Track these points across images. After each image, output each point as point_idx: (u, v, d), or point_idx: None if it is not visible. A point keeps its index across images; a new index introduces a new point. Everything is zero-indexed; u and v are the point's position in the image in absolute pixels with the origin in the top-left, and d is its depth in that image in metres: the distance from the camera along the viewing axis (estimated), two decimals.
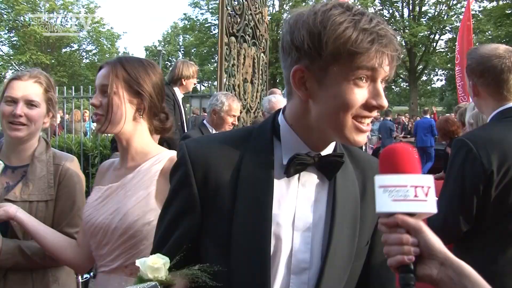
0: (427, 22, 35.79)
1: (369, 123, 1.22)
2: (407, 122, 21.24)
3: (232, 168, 1.26)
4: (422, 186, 1.06)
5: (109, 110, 1.80)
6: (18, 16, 36.37)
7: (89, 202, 1.90)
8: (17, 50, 37.42)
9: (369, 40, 1.11)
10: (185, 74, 5.24)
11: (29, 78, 2.16)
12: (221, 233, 1.24)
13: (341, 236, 1.25)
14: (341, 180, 1.30)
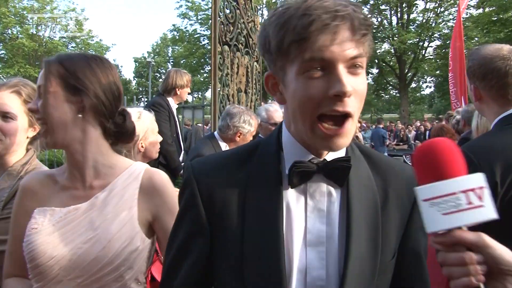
0: (416, 30, 36.03)
1: (342, 122, 1.05)
2: (400, 130, 21.24)
3: (238, 187, 1.20)
4: (474, 189, 0.90)
5: (46, 113, 1.53)
6: (6, 29, 36.13)
7: (38, 228, 1.53)
8: (5, 63, 37.15)
9: (307, 22, 1.00)
10: (179, 83, 5.12)
11: (6, 89, 1.98)
12: (232, 255, 1.16)
13: (360, 250, 1.13)
14: (356, 188, 1.17)
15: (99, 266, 1.48)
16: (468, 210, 0.89)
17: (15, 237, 1.63)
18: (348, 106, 1.04)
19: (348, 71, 1.04)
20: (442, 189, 0.91)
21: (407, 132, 21.51)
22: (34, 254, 1.49)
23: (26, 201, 1.63)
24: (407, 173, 1.26)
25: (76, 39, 38.73)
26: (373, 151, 1.32)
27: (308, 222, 1.15)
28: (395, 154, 15.95)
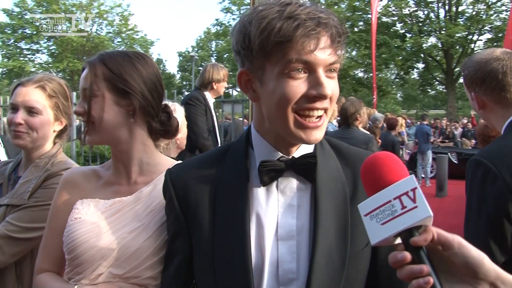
0: (465, 22, 34.72)
1: (319, 116, 1.14)
2: (446, 127, 20.59)
3: (210, 185, 1.28)
4: (407, 192, 0.92)
5: (92, 115, 1.53)
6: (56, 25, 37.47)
7: (81, 217, 1.54)
8: (55, 58, 38.58)
9: (293, 26, 1.06)
10: (215, 77, 5.12)
11: (31, 84, 2.03)
12: (205, 251, 1.24)
13: (327, 242, 1.17)
14: (324, 181, 1.23)
15: (142, 258, 1.46)
16: (403, 214, 0.91)
17: (52, 229, 1.63)
18: (325, 104, 1.13)
19: (326, 75, 1.12)
20: (378, 201, 0.94)
21: (454, 129, 20.81)
22: (76, 243, 1.49)
23: (67, 194, 1.64)
24: None
25: (122, 34, 39.70)
26: (343, 144, 1.37)
27: (280, 218, 1.21)
28: (440, 151, 15.45)
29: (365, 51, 32.06)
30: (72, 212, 1.57)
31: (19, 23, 36.60)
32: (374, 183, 0.97)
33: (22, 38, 37.57)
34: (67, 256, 1.52)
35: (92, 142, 1.59)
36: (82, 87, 1.56)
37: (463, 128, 20.85)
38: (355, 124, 5.82)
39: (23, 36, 37.38)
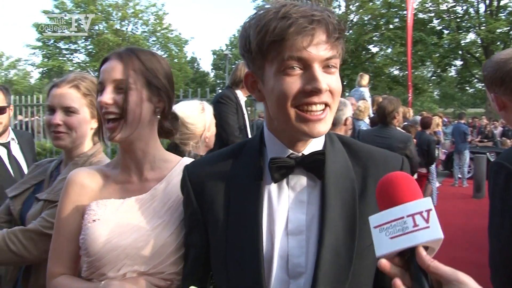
0: (507, 17, 33.43)
1: (322, 110, 1.18)
2: (485, 126, 19.96)
3: (225, 181, 1.33)
4: (421, 212, 0.93)
5: (127, 109, 1.51)
6: (94, 25, 38.35)
7: (100, 219, 1.52)
8: (92, 58, 39.51)
9: (286, 25, 1.10)
10: None
11: (66, 84, 2.04)
12: (219, 244, 1.29)
13: (334, 237, 1.21)
14: (333, 178, 1.27)
15: (166, 254, 1.48)
16: (414, 232, 0.91)
17: (62, 233, 1.61)
18: (324, 98, 1.16)
19: (323, 70, 1.16)
20: (390, 215, 0.96)
21: (493, 128, 20.16)
22: (98, 245, 1.48)
23: (76, 196, 1.62)
24: (389, 161, 1.34)
25: (156, 33, 40.24)
26: (355, 141, 1.41)
27: (290, 213, 1.26)
28: (478, 151, 15.03)
29: (401, 48, 31.42)
30: (87, 214, 1.55)
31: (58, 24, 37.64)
32: (390, 199, 0.99)
33: (61, 39, 38.64)
34: (88, 259, 1.51)
35: (122, 138, 1.55)
36: (114, 78, 1.52)
37: (504, 127, 20.14)
38: (393, 123, 5.68)
39: (62, 36, 38.44)
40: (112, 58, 1.56)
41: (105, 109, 1.52)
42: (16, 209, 2.06)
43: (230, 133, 4.91)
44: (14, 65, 49.90)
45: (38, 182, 2.14)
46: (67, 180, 1.66)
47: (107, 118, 1.54)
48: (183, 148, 2.91)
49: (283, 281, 1.23)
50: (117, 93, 1.52)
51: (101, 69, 1.57)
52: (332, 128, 4.77)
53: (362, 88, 9.58)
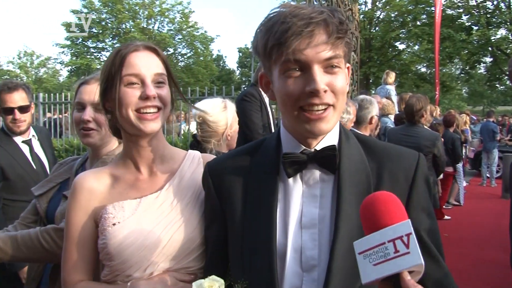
0: None
1: (322, 110, 1.20)
2: None
3: (243, 176, 1.39)
4: (401, 237, 0.94)
5: (167, 104, 1.56)
6: (121, 24, 38.89)
7: (120, 222, 1.50)
8: None
9: (285, 28, 1.15)
10: None
11: (96, 81, 2.00)
12: (236, 238, 1.35)
13: (348, 230, 1.23)
14: (348, 172, 1.30)
15: (190, 250, 1.51)
16: (396, 258, 0.93)
17: (75, 240, 1.58)
18: (325, 99, 1.19)
19: (325, 70, 1.19)
20: (372, 241, 0.97)
21: None
22: (122, 248, 1.47)
23: (85, 201, 1.58)
24: (405, 157, 1.35)
25: (182, 31, 40.53)
26: (370, 138, 1.44)
27: (303, 207, 1.30)
28: (507, 150, 14.65)
29: (428, 45, 30.85)
30: (104, 219, 1.52)
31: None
32: (372, 222, 1.00)
33: (89, 37, 39.29)
34: (111, 262, 1.49)
35: (155, 130, 1.56)
36: (155, 72, 1.54)
37: None
38: (421, 122, 5.60)
39: (90, 35, 39.09)
40: (139, 50, 1.56)
41: (150, 102, 1.52)
42: (42, 207, 2.09)
43: (254, 131, 4.92)
44: (44, 63, 51.00)
45: (63, 180, 2.17)
46: (74, 185, 1.62)
47: (147, 112, 1.52)
48: (205, 145, 2.93)
49: (297, 274, 1.26)
50: (156, 87, 1.54)
51: (131, 61, 1.52)
52: (356, 127, 4.77)
53: (388, 85, 9.47)
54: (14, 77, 47.71)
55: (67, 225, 1.61)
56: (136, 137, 1.59)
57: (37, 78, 49.70)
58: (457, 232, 8.35)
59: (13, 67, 49.98)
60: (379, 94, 9.05)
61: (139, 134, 1.56)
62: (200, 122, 2.99)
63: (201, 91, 9.51)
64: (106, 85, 1.56)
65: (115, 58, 1.54)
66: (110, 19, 39.02)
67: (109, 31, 39.24)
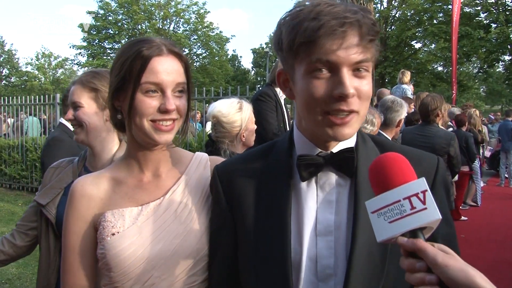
0: None
1: (348, 114, 1.14)
2: None
3: (254, 180, 1.32)
4: (417, 194, 0.93)
5: (183, 114, 1.49)
6: (136, 25, 39.19)
7: (120, 232, 1.41)
8: None
9: (317, 26, 1.07)
10: None
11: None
12: (247, 245, 1.28)
13: (366, 237, 1.16)
14: (365, 177, 1.21)
15: (196, 261, 1.43)
16: (412, 214, 0.92)
17: (75, 250, 1.49)
18: (352, 105, 1.12)
19: (353, 73, 1.12)
20: (387, 199, 0.95)
21: None
22: (122, 259, 1.38)
23: (84, 210, 1.49)
24: (424, 161, 1.29)
25: (198, 31, 40.70)
26: (387, 141, 1.36)
27: (318, 213, 1.23)
28: None
29: (445, 44, 30.50)
30: (103, 227, 1.43)
31: (103, 24, 38.71)
32: (384, 182, 0.98)
33: (105, 38, 39.68)
34: (111, 274, 1.40)
35: (168, 141, 1.48)
36: (178, 81, 1.44)
37: None
38: (436, 121, 5.52)
39: (106, 36, 39.47)
40: (165, 55, 1.43)
41: (168, 115, 1.42)
42: (52, 214, 2.10)
43: (269, 131, 4.92)
44: (62, 64, 51.66)
45: (67, 184, 2.14)
46: (72, 192, 1.52)
47: (164, 124, 1.43)
48: (219, 145, 2.93)
49: (312, 283, 1.20)
50: (175, 97, 1.45)
51: (153, 67, 1.39)
52: (383, 129, 4.70)
53: (404, 85, 9.39)
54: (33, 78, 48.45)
55: (66, 235, 1.51)
56: (147, 144, 1.49)
57: (54, 79, 50.35)
58: (474, 233, 8.24)
59: (31, 69, 50.80)
60: (395, 93, 8.98)
61: (150, 143, 1.47)
62: (214, 122, 2.99)
63: (216, 91, 9.51)
64: (119, 85, 1.44)
65: (135, 60, 1.39)
66: (126, 20, 39.38)
67: (125, 32, 39.57)
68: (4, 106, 12.66)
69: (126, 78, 1.42)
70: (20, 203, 10.48)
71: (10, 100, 12.25)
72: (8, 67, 51.06)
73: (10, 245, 2.21)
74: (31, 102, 11.77)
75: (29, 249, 2.27)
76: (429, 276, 0.91)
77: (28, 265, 6.23)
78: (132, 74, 1.40)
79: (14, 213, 9.44)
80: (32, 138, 11.84)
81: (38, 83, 48.05)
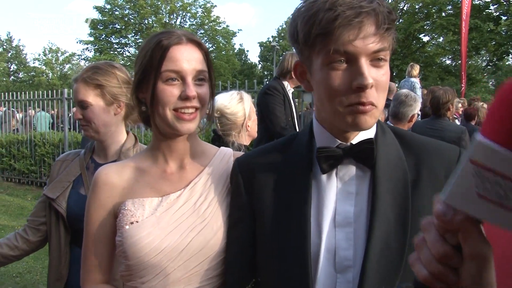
0: None
1: (370, 102, 1.12)
2: None
3: (274, 172, 1.32)
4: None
5: (205, 103, 1.47)
6: (143, 19, 39.24)
7: (139, 221, 1.42)
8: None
9: (333, 17, 1.06)
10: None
11: (80, 82, 1.82)
12: (266, 237, 1.28)
13: (384, 229, 1.16)
14: (384, 168, 1.22)
15: (212, 255, 1.42)
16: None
17: (96, 237, 1.52)
18: (371, 97, 1.11)
19: (371, 63, 1.11)
20: (505, 165, 0.57)
21: None
22: (138, 249, 1.39)
23: (107, 197, 1.51)
24: (445, 152, 1.26)
25: (204, 26, 40.69)
26: (407, 132, 1.34)
27: (338, 204, 1.22)
28: None
29: (453, 36, 30.26)
30: (122, 215, 1.44)
31: (110, 19, 38.82)
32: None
33: (112, 33, 39.79)
34: (127, 262, 1.42)
35: (191, 130, 1.47)
36: (199, 68, 1.44)
37: None
38: (447, 115, 5.47)
39: (113, 31, 39.57)
40: (184, 43, 1.44)
41: (189, 102, 1.42)
42: (62, 207, 2.10)
43: (277, 124, 4.90)
44: (69, 59, 51.96)
45: (75, 177, 2.18)
46: (95, 180, 1.54)
47: (185, 112, 1.43)
48: (226, 139, 2.95)
49: (330, 275, 1.19)
50: (196, 85, 1.44)
51: (173, 55, 1.40)
52: (395, 123, 4.66)
53: (412, 78, 9.33)
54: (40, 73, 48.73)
55: (87, 222, 1.54)
56: (170, 134, 1.50)
57: (62, 74, 50.66)
58: None
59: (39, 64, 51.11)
60: (403, 87, 8.92)
61: (173, 133, 1.48)
62: (218, 116, 3.01)
63: (223, 85, 9.51)
64: (142, 77, 1.46)
65: (155, 50, 1.41)
66: (133, 15, 39.46)
67: (132, 26, 39.67)
68: (13, 101, 12.73)
69: (147, 69, 1.43)
70: (29, 198, 10.56)
71: (18, 95, 12.31)
72: (16, 62, 51.39)
73: (23, 240, 2.22)
74: (39, 97, 11.82)
75: (42, 244, 2.28)
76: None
77: (38, 259, 6.28)
78: (153, 64, 1.42)
79: (23, 207, 9.52)
80: (40, 133, 11.90)
81: (46, 78, 48.37)
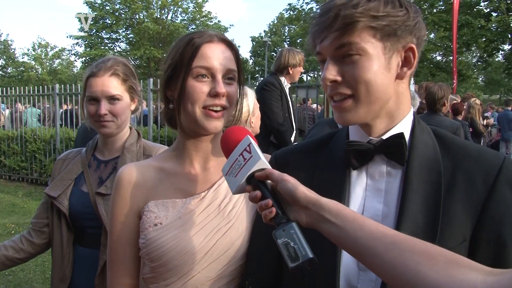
0: None
1: (345, 98, 1.18)
2: None
3: (309, 170, 1.32)
4: (245, 148, 1.18)
5: (233, 103, 1.47)
6: (134, 14, 38.97)
7: (163, 223, 1.42)
8: (133, 46, 40.21)
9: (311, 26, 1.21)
10: (291, 62, 5.04)
11: (105, 73, 2.04)
12: None
13: (412, 232, 1.08)
14: (417, 168, 1.18)
15: (237, 257, 1.42)
16: (245, 164, 1.16)
17: (122, 238, 1.51)
18: (342, 89, 1.15)
19: (340, 60, 1.15)
20: (230, 161, 1.21)
21: None
22: (163, 251, 1.38)
23: (129, 198, 1.50)
24: (486, 157, 1.19)
25: (196, 21, 40.50)
26: (448, 134, 1.29)
27: (366, 201, 1.21)
28: None
29: (444, 33, 30.42)
30: (146, 217, 1.44)
31: (101, 14, 38.50)
32: (228, 149, 1.23)
33: (103, 28, 39.47)
34: (152, 264, 1.41)
35: (218, 129, 1.46)
36: (228, 67, 1.43)
37: None
38: (442, 110, 5.49)
39: (103, 26, 39.25)
40: (216, 42, 1.45)
41: (218, 100, 1.42)
42: (64, 205, 2.08)
43: (274, 120, 4.88)
44: (59, 55, 51.49)
45: (77, 175, 2.17)
46: (119, 179, 1.53)
47: (214, 109, 1.43)
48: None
49: (353, 272, 1.18)
50: (226, 83, 1.43)
51: (204, 52, 1.41)
52: None
53: None
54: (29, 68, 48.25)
55: (112, 222, 1.53)
56: (195, 133, 1.49)
57: (51, 69, 50.20)
58: None
59: (28, 59, 50.58)
60: None
61: (200, 131, 1.46)
62: None
63: None
64: (172, 74, 1.45)
65: (186, 47, 1.42)
66: (124, 10, 39.17)
67: (123, 21, 39.40)
68: (2, 97, 12.57)
69: (178, 66, 1.43)
70: (21, 195, 10.44)
71: (7, 91, 12.15)
72: (4, 57, 50.84)
73: (28, 243, 2.19)
74: (29, 93, 11.68)
75: (47, 246, 2.24)
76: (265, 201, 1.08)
77: None
78: (184, 60, 1.41)
79: (14, 204, 9.40)
80: (31, 129, 11.77)
81: (35, 73, 47.90)
